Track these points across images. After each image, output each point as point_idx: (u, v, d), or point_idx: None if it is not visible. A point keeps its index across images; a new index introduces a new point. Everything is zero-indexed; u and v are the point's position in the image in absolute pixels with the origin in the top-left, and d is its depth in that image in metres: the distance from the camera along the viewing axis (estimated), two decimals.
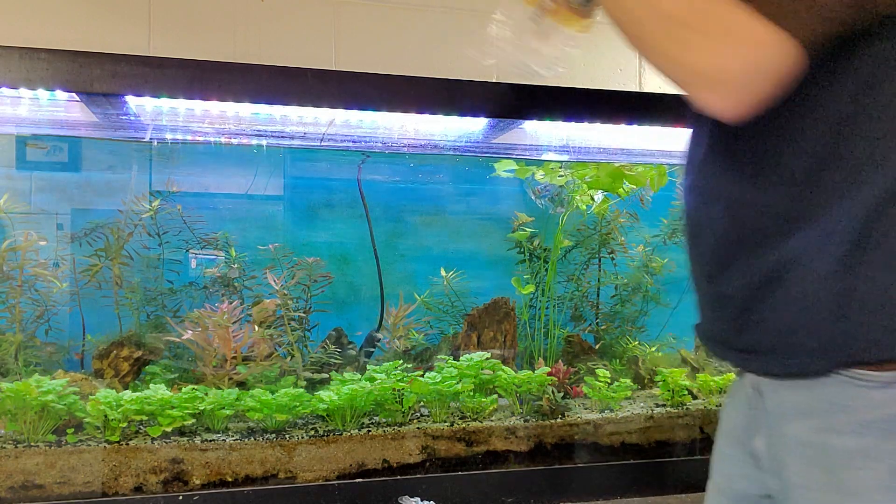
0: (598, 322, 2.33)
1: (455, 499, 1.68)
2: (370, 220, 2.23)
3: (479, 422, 1.82)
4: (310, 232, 2.25)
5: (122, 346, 1.86)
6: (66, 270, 1.93)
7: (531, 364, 2.11)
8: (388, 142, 1.92)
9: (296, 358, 1.93)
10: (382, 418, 1.80)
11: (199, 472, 1.60)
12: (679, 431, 1.93)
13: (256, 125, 1.76)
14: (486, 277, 2.32)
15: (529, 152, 2.10)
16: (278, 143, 1.89)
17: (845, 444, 0.79)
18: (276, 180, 2.17)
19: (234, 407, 1.70)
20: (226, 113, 1.69)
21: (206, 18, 1.86)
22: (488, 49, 1.06)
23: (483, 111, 1.67)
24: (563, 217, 2.23)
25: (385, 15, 1.97)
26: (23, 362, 1.80)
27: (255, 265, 2.05)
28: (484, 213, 2.40)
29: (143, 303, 1.99)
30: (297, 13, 1.91)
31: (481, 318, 2.10)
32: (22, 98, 1.56)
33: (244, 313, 1.92)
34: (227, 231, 2.07)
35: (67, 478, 1.54)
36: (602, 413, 1.91)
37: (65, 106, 1.62)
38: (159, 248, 2.03)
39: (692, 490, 1.82)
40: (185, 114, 1.67)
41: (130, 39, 1.80)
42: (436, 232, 2.36)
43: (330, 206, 2.28)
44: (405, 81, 1.60)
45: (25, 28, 1.75)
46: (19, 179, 1.96)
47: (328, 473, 1.67)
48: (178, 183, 2.04)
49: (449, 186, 2.36)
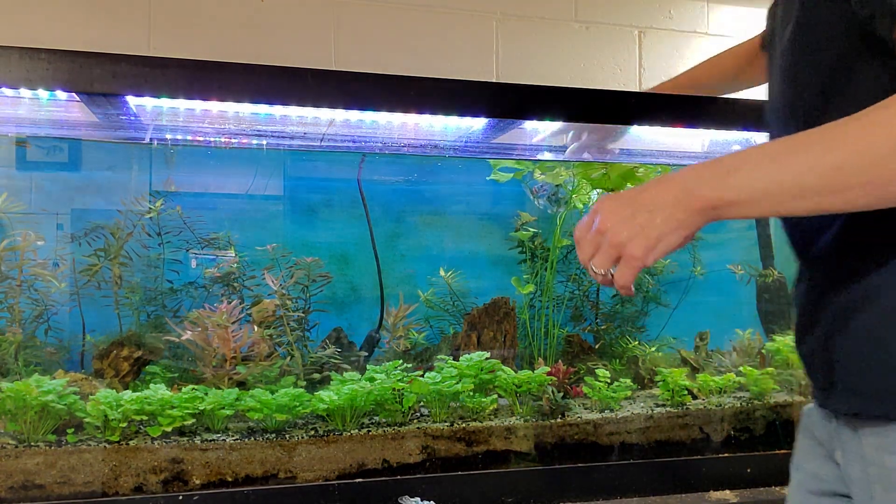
0: (597, 322, 2.33)
1: (455, 499, 1.68)
2: (370, 220, 2.23)
3: (479, 422, 1.82)
4: (310, 232, 2.25)
5: (122, 346, 1.86)
6: (66, 270, 1.93)
7: (531, 364, 2.11)
8: (388, 142, 1.92)
9: (295, 358, 1.93)
10: (382, 418, 1.80)
11: (199, 472, 1.60)
12: (679, 431, 1.93)
13: (256, 125, 1.76)
14: (486, 277, 2.32)
15: (529, 152, 2.10)
16: (278, 144, 1.90)
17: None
18: (276, 180, 2.17)
19: (234, 407, 1.70)
20: (226, 113, 1.69)
21: (206, 18, 1.86)
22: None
23: (483, 111, 1.67)
24: (561, 217, 2.23)
25: (385, 15, 1.97)
26: (23, 362, 1.80)
27: (254, 265, 2.05)
28: (484, 213, 2.40)
29: (143, 303, 1.99)
30: (297, 13, 1.91)
31: (481, 318, 2.10)
32: (22, 98, 1.56)
33: (244, 313, 1.92)
34: (228, 231, 2.07)
35: (67, 478, 1.54)
36: (602, 413, 1.91)
37: (65, 106, 1.62)
38: (159, 247, 2.03)
39: (692, 490, 1.82)
40: (185, 114, 1.67)
41: (130, 39, 1.80)
42: (435, 232, 2.36)
43: (330, 207, 2.28)
44: (405, 81, 1.60)
45: (25, 28, 1.75)
46: (19, 179, 1.96)
47: (328, 473, 1.67)
48: (178, 183, 2.04)
49: (449, 186, 2.36)
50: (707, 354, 2.28)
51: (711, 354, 2.29)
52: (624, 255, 0.85)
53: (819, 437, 0.99)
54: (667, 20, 2.19)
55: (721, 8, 2.26)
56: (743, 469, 1.84)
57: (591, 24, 2.15)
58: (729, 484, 1.84)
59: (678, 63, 2.17)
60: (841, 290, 0.87)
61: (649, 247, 0.83)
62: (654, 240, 0.83)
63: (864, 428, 0.86)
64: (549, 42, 2.12)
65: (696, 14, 2.25)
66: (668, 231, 0.83)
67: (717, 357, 2.27)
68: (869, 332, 0.84)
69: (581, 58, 2.13)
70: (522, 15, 2.09)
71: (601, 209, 0.87)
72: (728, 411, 1.98)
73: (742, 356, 2.24)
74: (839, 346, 0.88)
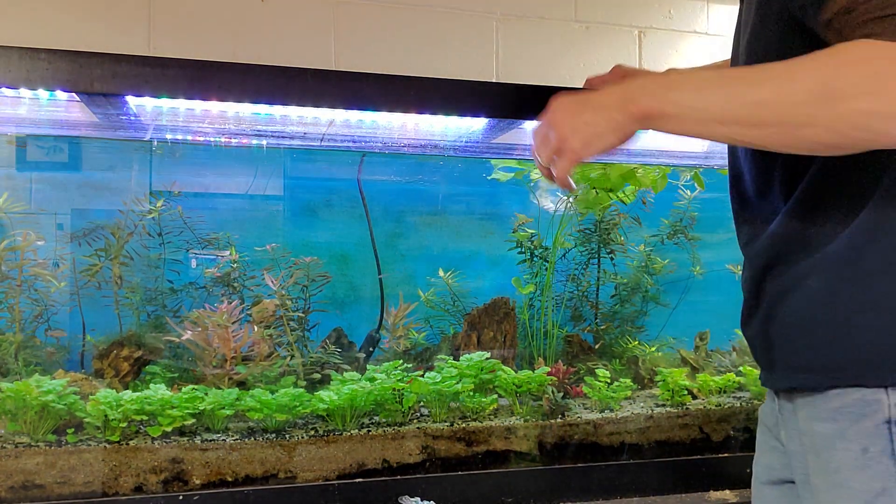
0: (597, 322, 2.33)
1: (455, 499, 1.68)
2: (370, 220, 2.23)
3: (479, 422, 1.82)
4: (309, 232, 2.25)
5: (123, 345, 1.86)
6: (66, 270, 1.93)
7: (531, 364, 2.11)
8: (388, 142, 1.92)
9: (295, 358, 1.93)
10: (382, 418, 1.80)
11: (199, 472, 1.60)
12: (679, 431, 1.93)
13: (256, 125, 1.76)
14: (487, 277, 2.32)
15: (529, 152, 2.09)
16: (278, 144, 1.89)
17: (827, 430, 0.88)
18: (276, 180, 2.17)
19: (234, 407, 1.70)
20: (226, 113, 1.69)
21: (206, 18, 1.86)
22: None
23: (483, 111, 1.67)
24: (562, 220, 2.23)
25: (385, 15, 1.97)
26: (23, 362, 1.80)
27: (254, 265, 2.05)
28: (484, 213, 2.40)
29: (143, 303, 1.99)
30: (297, 13, 1.91)
31: (481, 318, 2.10)
32: (22, 98, 1.56)
33: (244, 313, 1.92)
34: (227, 231, 2.07)
35: (67, 478, 1.54)
36: (602, 413, 1.91)
37: (65, 106, 1.62)
38: (160, 247, 2.03)
39: (692, 490, 1.82)
40: (185, 114, 1.67)
41: (130, 39, 1.80)
42: (435, 232, 2.36)
43: (330, 206, 2.28)
44: (405, 81, 1.60)
45: (25, 28, 1.75)
46: (19, 179, 1.95)
47: (328, 473, 1.67)
48: (178, 183, 2.04)
49: (449, 186, 2.36)
50: (707, 354, 2.28)
51: (711, 354, 2.29)
52: (564, 147, 0.93)
53: (769, 425, 1.06)
54: (666, 20, 2.19)
55: (721, 8, 2.26)
56: (743, 469, 1.84)
57: (591, 24, 2.14)
58: (729, 484, 1.84)
59: (678, 63, 2.17)
60: (776, 277, 0.95)
61: (587, 142, 0.91)
62: (593, 136, 0.91)
63: (799, 400, 0.94)
64: (549, 42, 2.12)
65: (695, 14, 2.25)
66: (607, 131, 0.90)
67: (717, 357, 2.27)
68: (800, 314, 0.92)
69: (581, 58, 2.13)
70: (522, 15, 2.09)
71: (555, 106, 0.96)
72: (728, 411, 1.98)
73: (742, 356, 2.24)
74: (776, 327, 0.95)
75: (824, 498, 0.89)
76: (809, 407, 0.91)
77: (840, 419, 0.87)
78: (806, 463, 0.93)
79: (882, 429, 0.83)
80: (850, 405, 0.86)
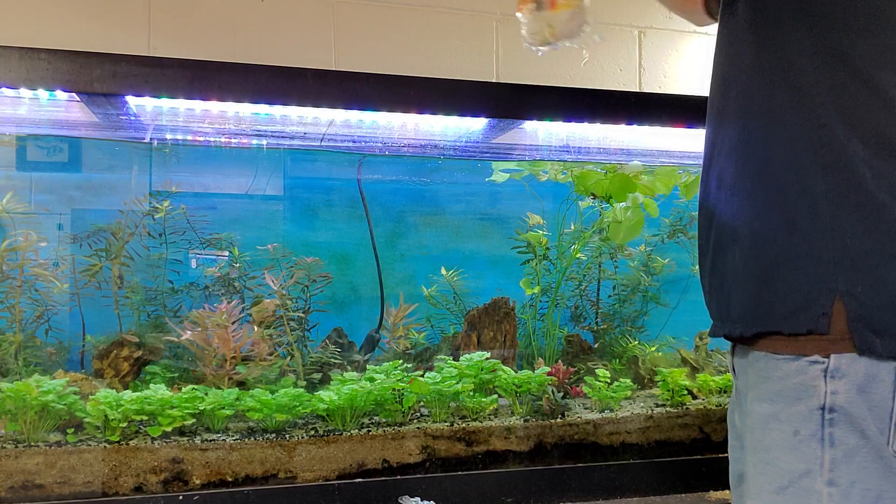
0: (597, 322, 2.33)
1: (455, 499, 1.68)
2: (370, 220, 2.23)
3: (479, 422, 1.82)
4: (310, 232, 2.25)
5: (123, 345, 1.86)
6: (67, 270, 1.93)
7: (531, 364, 2.11)
8: (388, 142, 1.92)
9: (295, 358, 1.93)
10: (382, 418, 1.80)
11: (199, 472, 1.61)
12: (679, 431, 1.93)
13: (256, 125, 1.76)
14: (487, 277, 2.32)
15: (529, 152, 2.10)
16: (278, 144, 1.90)
17: (764, 410, 0.92)
18: (276, 180, 2.17)
19: (234, 407, 1.70)
20: (226, 113, 1.69)
21: (206, 19, 1.86)
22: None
23: (483, 111, 1.67)
24: (585, 234, 2.23)
25: (385, 15, 1.97)
26: (23, 362, 1.80)
27: (255, 265, 2.05)
28: (483, 213, 2.40)
29: (143, 303, 1.99)
30: (296, 13, 1.91)
31: (481, 318, 2.10)
32: (22, 98, 1.56)
33: (244, 313, 1.92)
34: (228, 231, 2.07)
35: (67, 478, 1.54)
36: (602, 413, 1.91)
37: (65, 106, 1.62)
38: (160, 247, 2.03)
39: (692, 490, 1.82)
40: (185, 114, 1.67)
41: (130, 39, 1.80)
42: (435, 232, 2.36)
43: (330, 207, 2.28)
44: (405, 81, 1.60)
45: (25, 28, 1.75)
46: (19, 179, 1.96)
47: (328, 473, 1.68)
48: (178, 183, 2.04)
49: (449, 186, 2.36)
50: (707, 354, 2.28)
51: (711, 354, 2.29)
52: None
53: (731, 420, 1.11)
54: (666, 20, 2.19)
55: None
56: None
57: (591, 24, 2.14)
58: (729, 484, 1.83)
59: (678, 63, 2.17)
60: (719, 241, 1.01)
61: None
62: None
63: (751, 379, 0.98)
64: None
65: None
66: None
67: (717, 357, 2.27)
68: (733, 269, 0.97)
69: (581, 58, 2.13)
70: None
71: None
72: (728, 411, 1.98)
73: None
74: (717, 282, 1.02)
75: (752, 472, 0.94)
76: (755, 389, 0.95)
77: (777, 401, 0.90)
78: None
79: (815, 414, 0.86)
80: (789, 389, 0.89)
